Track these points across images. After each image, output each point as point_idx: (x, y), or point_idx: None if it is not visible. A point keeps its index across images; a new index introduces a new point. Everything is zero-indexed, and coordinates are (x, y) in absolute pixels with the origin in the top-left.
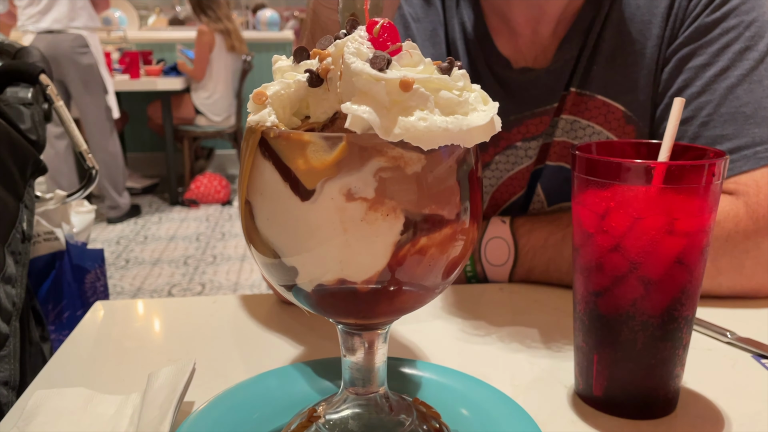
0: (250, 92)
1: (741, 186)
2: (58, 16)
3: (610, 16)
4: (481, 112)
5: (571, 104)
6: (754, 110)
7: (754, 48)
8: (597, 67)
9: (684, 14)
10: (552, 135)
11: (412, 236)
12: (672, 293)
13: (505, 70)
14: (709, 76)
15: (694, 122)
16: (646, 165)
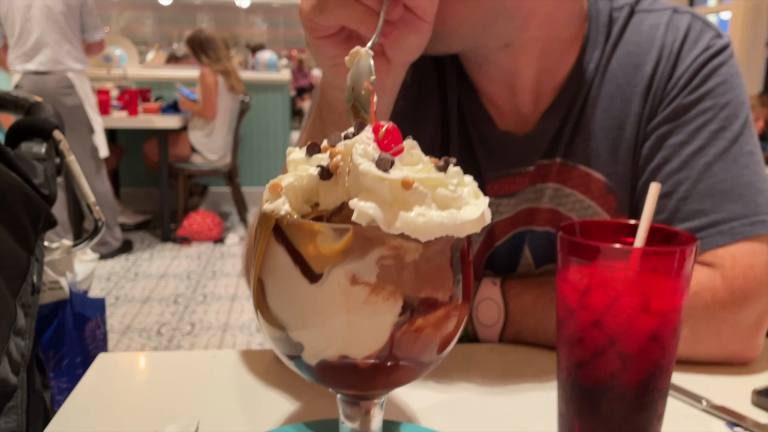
0: (248, 132)
1: (718, 259)
2: (44, 59)
3: (592, 93)
4: (473, 206)
5: (556, 173)
6: (730, 187)
7: (728, 128)
8: (579, 139)
9: (662, 94)
10: (538, 201)
11: (410, 317)
12: (647, 367)
13: (489, 129)
14: (687, 154)
15: (673, 197)
16: (624, 249)
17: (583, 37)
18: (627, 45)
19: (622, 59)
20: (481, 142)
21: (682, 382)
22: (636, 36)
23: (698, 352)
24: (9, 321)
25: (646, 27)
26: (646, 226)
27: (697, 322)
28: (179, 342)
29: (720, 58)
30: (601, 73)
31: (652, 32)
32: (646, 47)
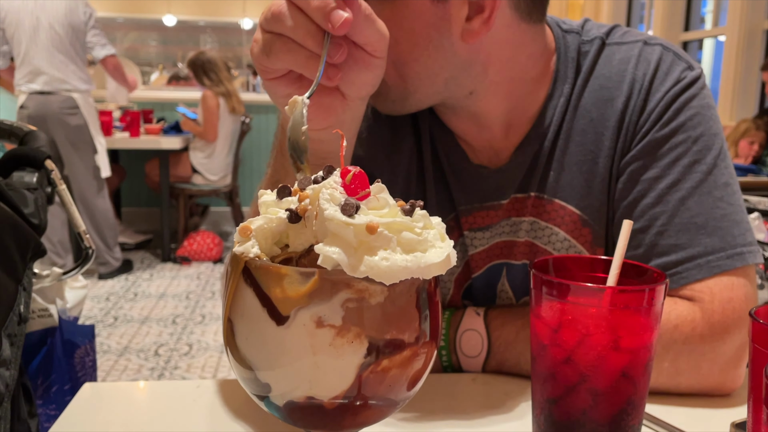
0: (248, 153)
1: (696, 293)
2: (48, 79)
3: (564, 127)
4: (438, 249)
5: (531, 206)
6: (705, 220)
7: (702, 161)
8: (554, 173)
9: (635, 129)
10: (515, 235)
11: (375, 359)
12: (618, 404)
13: (463, 163)
14: (661, 188)
15: (650, 231)
16: (595, 288)
17: (552, 72)
18: (599, 79)
19: (594, 93)
20: (454, 175)
21: (662, 415)
22: (607, 70)
23: (679, 384)
24: None
25: (617, 60)
26: (618, 263)
27: (677, 356)
28: (176, 363)
29: (691, 90)
30: (573, 107)
31: (623, 66)
32: (617, 81)
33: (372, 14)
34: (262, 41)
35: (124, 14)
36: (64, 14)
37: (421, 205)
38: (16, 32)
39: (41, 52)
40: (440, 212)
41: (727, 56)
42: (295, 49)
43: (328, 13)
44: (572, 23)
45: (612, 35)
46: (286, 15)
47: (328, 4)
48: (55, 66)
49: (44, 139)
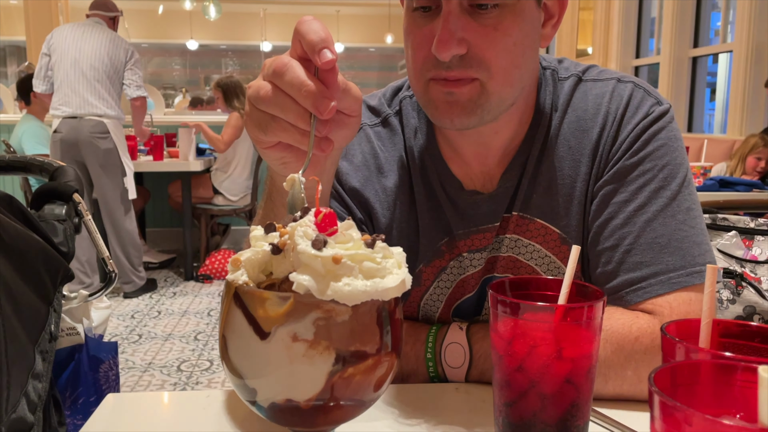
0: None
1: (657, 307)
2: (81, 103)
3: (546, 153)
4: (395, 275)
5: (514, 225)
6: (668, 241)
7: (667, 187)
8: (536, 196)
9: (608, 157)
10: (499, 250)
11: (342, 367)
12: (564, 407)
13: (457, 191)
14: (629, 211)
15: (618, 249)
16: (540, 306)
17: (535, 102)
18: (576, 111)
19: (572, 124)
20: (450, 203)
21: (626, 419)
22: (584, 103)
23: (642, 391)
24: (28, 366)
25: (593, 95)
26: (568, 282)
27: (638, 365)
28: (198, 378)
29: (659, 123)
30: (553, 136)
31: (599, 100)
32: (593, 114)
33: (347, 83)
34: (257, 119)
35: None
36: (107, 50)
37: (382, 238)
38: (59, 60)
39: (79, 80)
40: (435, 236)
41: (735, 71)
42: (288, 128)
43: (317, 103)
44: (550, 60)
45: (588, 73)
46: (275, 99)
47: (315, 94)
48: (89, 93)
49: (72, 174)
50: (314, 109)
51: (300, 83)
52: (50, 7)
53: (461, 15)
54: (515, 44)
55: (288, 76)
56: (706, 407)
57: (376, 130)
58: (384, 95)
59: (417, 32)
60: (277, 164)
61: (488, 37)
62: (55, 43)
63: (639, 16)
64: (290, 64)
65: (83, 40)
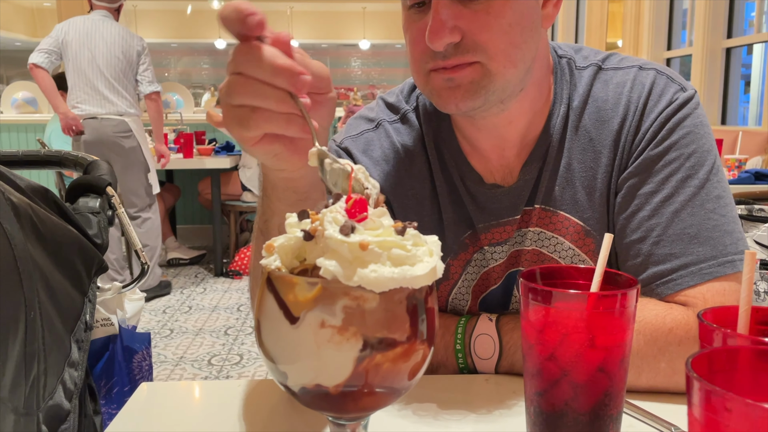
0: None
1: (690, 299)
2: (100, 102)
3: (566, 145)
4: (425, 263)
5: (537, 218)
6: (697, 231)
7: (695, 176)
8: (558, 188)
9: (631, 148)
10: (523, 244)
11: (370, 354)
12: (597, 396)
13: (478, 185)
14: (656, 202)
15: (647, 242)
16: (573, 293)
17: (551, 92)
18: (596, 101)
19: (592, 115)
20: (470, 197)
21: (659, 411)
22: (604, 93)
23: (677, 383)
24: (64, 355)
25: (614, 84)
26: (601, 269)
27: (673, 357)
28: (228, 372)
29: (684, 110)
30: (573, 127)
31: (619, 89)
32: (613, 103)
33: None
34: (236, 116)
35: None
36: (120, 46)
37: (414, 226)
38: (74, 57)
39: (98, 78)
40: (459, 230)
41: None
42: (271, 116)
43: (292, 79)
44: (567, 49)
45: (608, 61)
46: (249, 89)
47: (287, 69)
48: (108, 90)
49: (105, 168)
50: (291, 85)
51: (269, 63)
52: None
53: (451, 4)
54: (510, 25)
55: (254, 61)
56: (745, 393)
57: (395, 126)
58: (401, 91)
59: (413, 27)
60: (269, 159)
61: (480, 21)
62: (69, 39)
63: (670, 7)
64: (250, 49)
65: (97, 36)
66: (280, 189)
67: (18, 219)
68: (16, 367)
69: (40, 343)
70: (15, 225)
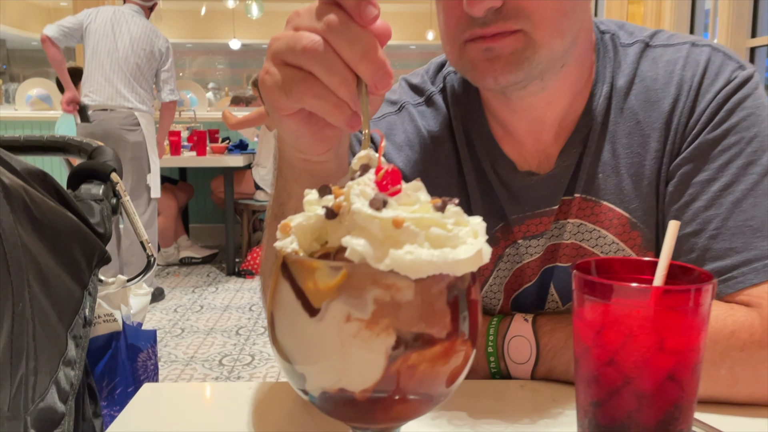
0: None
1: (754, 298)
2: (112, 94)
3: (608, 129)
4: (469, 246)
5: (577, 209)
6: (761, 223)
7: (756, 162)
8: (602, 175)
9: (684, 131)
10: (561, 237)
11: (404, 352)
12: (665, 408)
13: (510, 173)
14: (714, 191)
15: (703, 235)
16: (638, 287)
17: (593, 71)
18: (644, 81)
19: (639, 95)
20: (502, 186)
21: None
22: (653, 71)
23: (738, 393)
24: (60, 352)
25: (664, 62)
26: (665, 264)
27: (734, 363)
28: (239, 373)
29: (744, 90)
30: (617, 108)
31: (670, 67)
32: (663, 83)
33: None
34: (281, 76)
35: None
36: (144, 44)
37: (455, 202)
38: (95, 46)
39: (114, 71)
40: (489, 222)
41: None
42: (323, 94)
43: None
44: (610, 24)
45: (656, 38)
46: (323, 54)
47: (380, 62)
48: (123, 85)
49: (111, 154)
50: (372, 80)
51: (364, 49)
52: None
53: None
54: None
55: (345, 36)
56: None
57: (420, 109)
58: (427, 72)
59: None
60: (290, 135)
61: None
62: (95, 27)
63: (692, 7)
64: (348, 22)
65: (122, 29)
66: (297, 170)
67: (8, 201)
68: (0, 365)
69: (30, 338)
70: (5, 208)
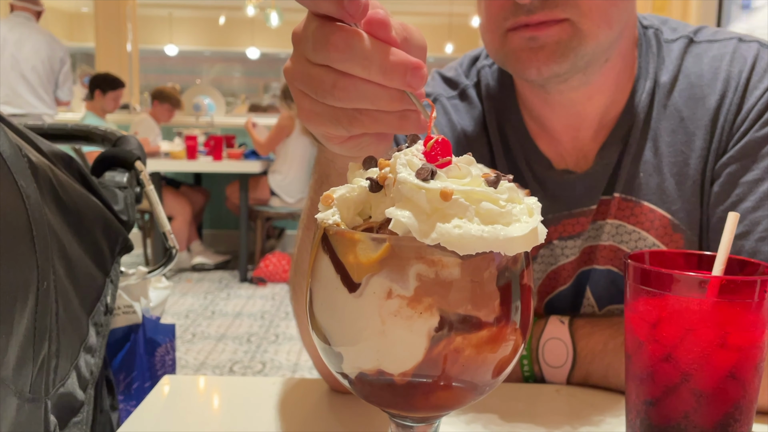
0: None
1: None
2: (21, 105)
3: (650, 126)
4: (523, 224)
5: (616, 209)
6: None
7: None
8: (643, 174)
9: (731, 129)
10: (598, 239)
11: (447, 334)
12: (725, 408)
13: (546, 171)
14: (763, 191)
15: (750, 237)
16: (699, 278)
17: (635, 66)
18: (689, 77)
19: (683, 92)
20: (538, 183)
21: None
22: (698, 68)
23: None
24: (81, 338)
25: (709, 58)
26: (724, 255)
27: None
28: None
29: None
30: (660, 105)
31: (716, 63)
32: (709, 79)
33: (405, 27)
34: (330, 116)
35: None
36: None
37: (510, 179)
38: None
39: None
40: None
41: None
42: (382, 117)
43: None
44: (653, 19)
45: (701, 34)
46: (353, 91)
47: (405, 67)
48: (30, 94)
49: (135, 143)
50: (406, 84)
51: (380, 62)
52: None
53: None
54: None
55: (358, 58)
56: None
57: (453, 102)
58: (461, 65)
59: None
60: (353, 151)
61: None
62: None
63: (718, 16)
64: (350, 39)
65: (22, 39)
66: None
67: (35, 179)
68: (23, 343)
69: (53, 319)
70: (32, 184)
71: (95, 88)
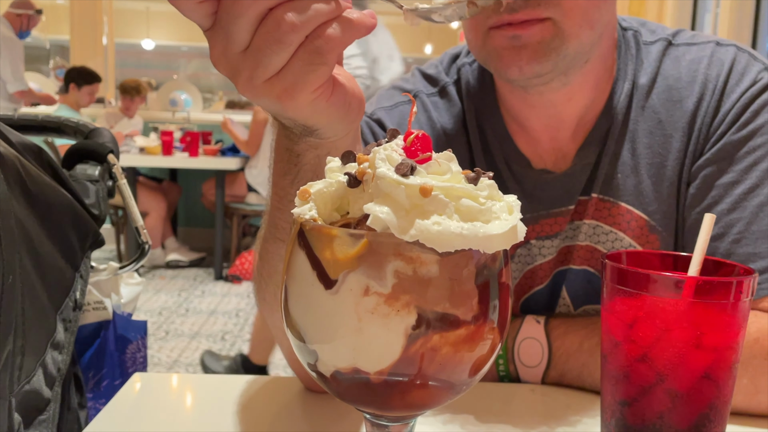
0: None
1: None
2: None
3: (628, 128)
4: (503, 222)
5: (594, 209)
6: None
7: None
8: (620, 175)
9: (708, 131)
10: (575, 239)
11: (425, 333)
12: (700, 408)
13: (525, 170)
14: (738, 194)
15: (725, 239)
16: (676, 278)
17: (614, 68)
18: (667, 79)
19: (661, 94)
20: (516, 183)
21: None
22: (676, 70)
23: (759, 403)
24: (48, 334)
25: (687, 61)
26: (700, 256)
27: (757, 372)
28: None
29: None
30: (638, 107)
31: (694, 66)
32: (687, 82)
33: None
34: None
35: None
36: None
37: (490, 176)
38: None
39: None
40: None
41: None
42: None
43: None
44: (632, 21)
45: (679, 36)
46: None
47: None
48: None
49: (108, 136)
50: None
51: None
52: (95, 7)
53: None
54: None
55: None
56: None
57: (433, 100)
58: (441, 62)
59: None
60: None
61: None
62: None
63: (693, 16)
64: None
65: None
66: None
67: (2, 170)
68: None
69: (19, 314)
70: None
71: (70, 81)
